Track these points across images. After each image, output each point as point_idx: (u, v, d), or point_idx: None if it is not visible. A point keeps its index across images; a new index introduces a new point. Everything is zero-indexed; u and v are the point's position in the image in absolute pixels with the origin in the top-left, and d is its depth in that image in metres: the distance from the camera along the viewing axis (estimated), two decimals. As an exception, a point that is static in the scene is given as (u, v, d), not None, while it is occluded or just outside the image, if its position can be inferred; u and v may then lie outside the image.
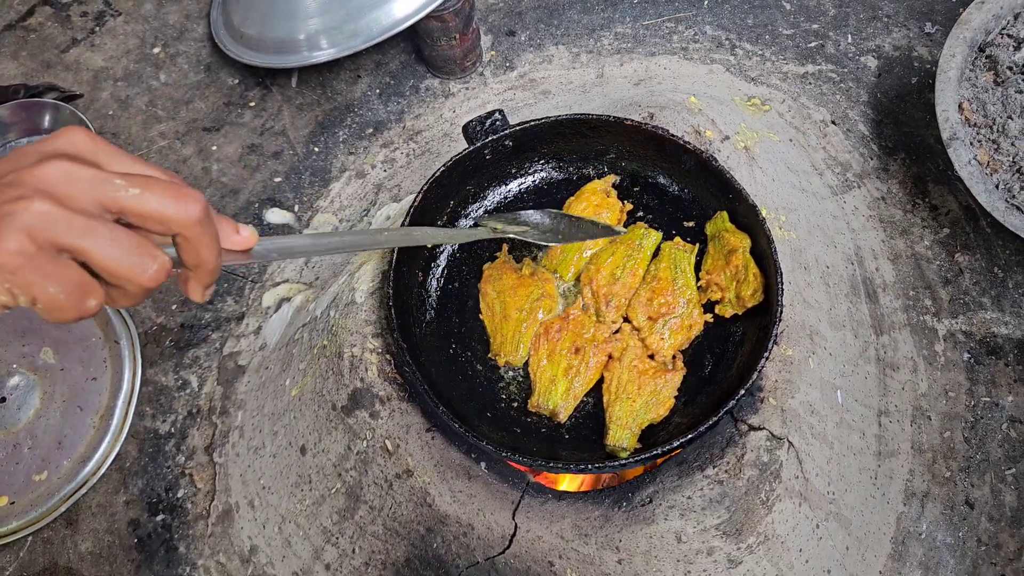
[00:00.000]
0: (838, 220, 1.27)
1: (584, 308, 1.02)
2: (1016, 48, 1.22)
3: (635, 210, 1.10)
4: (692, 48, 1.51)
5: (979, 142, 1.17)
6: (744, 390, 0.87)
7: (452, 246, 1.10)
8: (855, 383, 1.11)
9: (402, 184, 1.39)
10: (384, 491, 1.01)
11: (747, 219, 1.01)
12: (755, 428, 0.99)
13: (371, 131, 1.48)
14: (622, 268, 1.02)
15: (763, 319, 0.95)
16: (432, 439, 1.00)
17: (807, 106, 1.41)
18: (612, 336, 0.99)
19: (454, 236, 0.84)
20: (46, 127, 1.46)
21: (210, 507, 1.13)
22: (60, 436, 1.17)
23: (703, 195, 1.08)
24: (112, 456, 1.17)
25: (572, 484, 1.05)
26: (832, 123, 1.39)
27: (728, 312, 1.00)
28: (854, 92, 1.42)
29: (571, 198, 1.09)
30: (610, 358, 0.98)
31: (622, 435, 0.92)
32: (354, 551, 1.02)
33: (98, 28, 1.66)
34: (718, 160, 1.02)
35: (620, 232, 0.94)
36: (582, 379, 0.97)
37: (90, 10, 1.68)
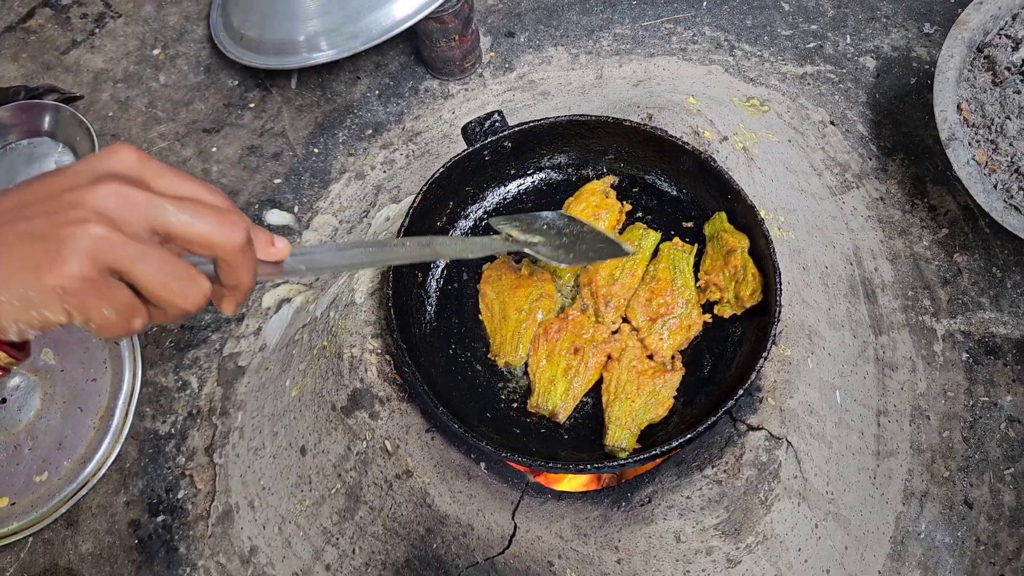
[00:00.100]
0: (837, 220, 1.27)
1: (583, 308, 1.02)
2: (1014, 48, 1.22)
3: (634, 211, 1.11)
4: (691, 49, 1.51)
5: (977, 142, 1.17)
6: (743, 390, 0.87)
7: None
8: (854, 383, 1.11)
9: (401, 185, 1.39)
10: (384, 491, 1.01)
11: (746, 219, 1.01)
12: (754, 428, 0.99)
13: (370, 132, 1.48)
14: (621, 268, 1.03)
15: (762, 319, 0.96)
16: (432, 439, 1.01)
17: (806, 107, 1.41)
18: (611, 336, 1.00)
19: (472, 248, 0.83)
20: (46, 129, 1.46)
21: (210, 508, 1.14)
22: (60, 437, 1.17)
23: (702, 196, 1.08)
24: (112, 457, 1.17)
25: (571, 484, 1.05)
26: (831, 124, 1.39)
27: (727, 312, 1.00)
28: (853, 93, 1.42)
29: (570, 199, 1.09)
30: (609, 358, 0.98)
31: (621, 435, 0.92)
32: (354, 551, 1.02)
33: (98, 30, 1.66)
34: (717, 161, 1.02)
35: (629, 252, 0.91)
36: (581, 379, 0.97)
37: (90, 12, 1.69)
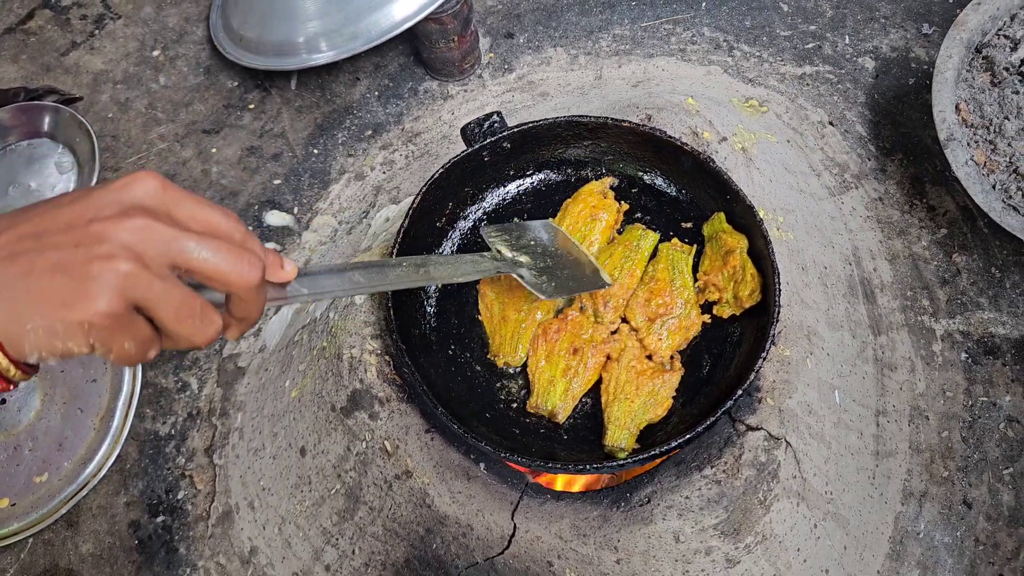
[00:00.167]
0: (836, 221, 1.27)
1: (582, 309, 1.02)
2: (1012, 49, 1.22)
3: (633, 211, 1.11)
4: (690, 50, 1.51)
5: (976, 143, 1.18)
6: (742, 390, 0.87)
7: (451, 248, 1.11)
8: (853, 383, 1.11)
9: (401, 186, 1.39)
10: (383, 492, 1.01)
11: (745, 220, 1.01)
12: (753, 428, 0.99)
13: (370, 133, 1.48)
14: (620, 269, 1.03)
15: (761, 319, 0.96)
16: (431, 440, 1.01)
17: (805, 107, 1.41)
18: (610, 337, 1.00)
19: (463, 271, 0.85)
20: (46, 130, 1.47)
21: (210, 508, 1.14)
22: (61, 438, 1.17)
23: (701, 196, 1.08)
24: (112, 458, 1.17)
25: (571, 484, 1.05)
26: (830, 124, 1.39)
27: (726, 313, 1.00)
28: (852, 93, 1.43)
29: (569, 200, 1.10)
30: (608, 359, 0.98)
31: (620, 435, 0.92)
32: (354, 552, 1.02)
33: (97, 31, 1.66)
34: (715, 161, 1.03)
35: (607, 285, 0.98)
36: (580, 380, 0.97)
37: (89, 13, 1.69)
